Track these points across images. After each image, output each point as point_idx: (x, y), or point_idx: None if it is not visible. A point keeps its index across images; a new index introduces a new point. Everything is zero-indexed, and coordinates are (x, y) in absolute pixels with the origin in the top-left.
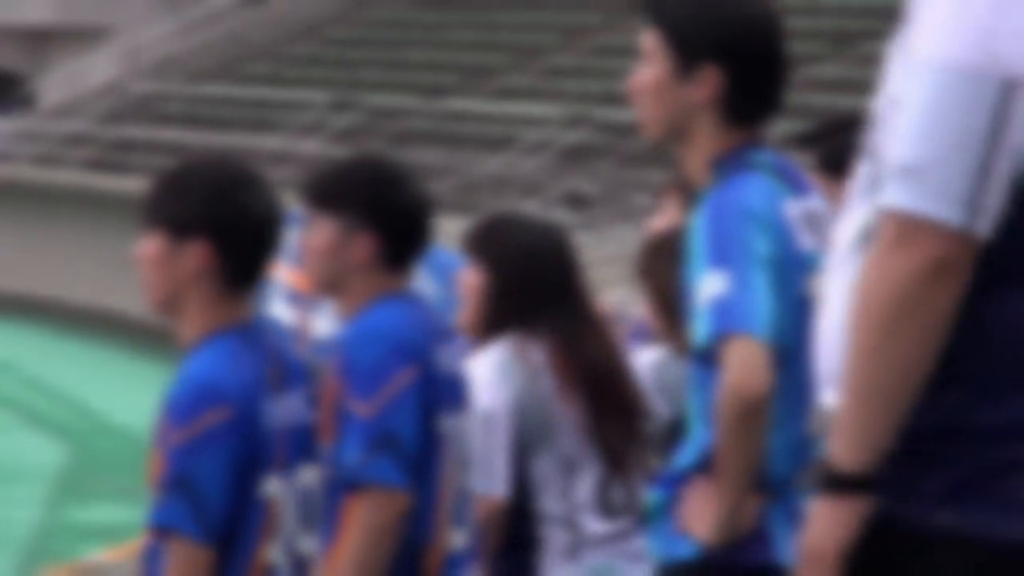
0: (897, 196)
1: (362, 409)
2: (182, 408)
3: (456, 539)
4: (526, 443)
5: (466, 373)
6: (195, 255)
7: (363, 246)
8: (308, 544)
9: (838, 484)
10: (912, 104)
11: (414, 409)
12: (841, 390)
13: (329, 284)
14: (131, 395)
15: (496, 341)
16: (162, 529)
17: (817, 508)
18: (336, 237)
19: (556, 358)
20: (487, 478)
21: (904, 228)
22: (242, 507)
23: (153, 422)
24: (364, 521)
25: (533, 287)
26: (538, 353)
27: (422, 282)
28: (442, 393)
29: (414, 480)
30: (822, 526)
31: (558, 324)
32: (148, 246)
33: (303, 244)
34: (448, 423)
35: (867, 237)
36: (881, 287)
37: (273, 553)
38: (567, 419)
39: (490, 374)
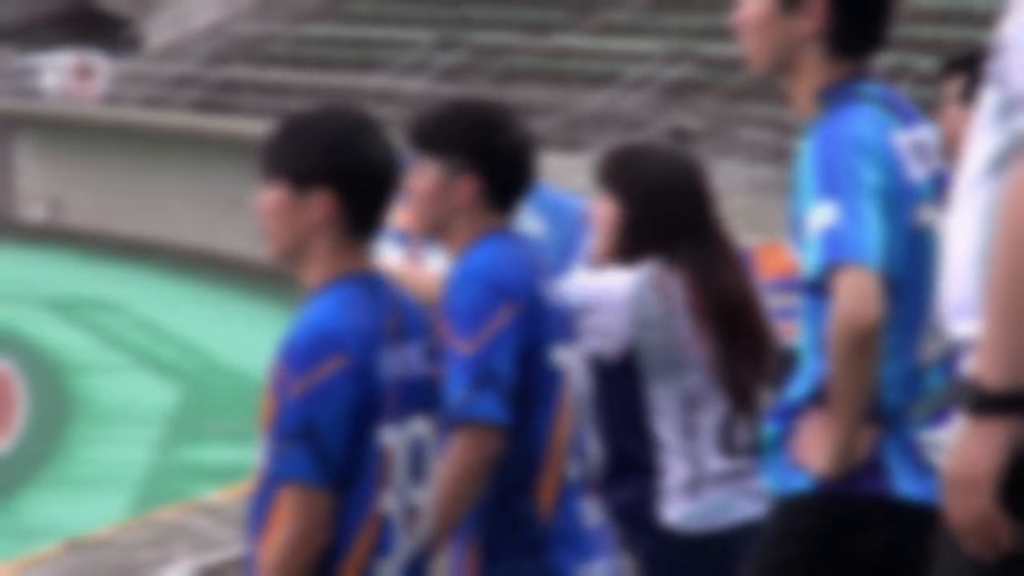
0: None
1: (464, 347)
2: (301, 356)
3: (571, 469)
4: (647, 375)
5: (568, 309)
6: (318, 205)
7: (467, 189)
8: (418, 495)
9: (987, 404)
10: None
11: (514, 347)
12: (986, 310)
13: (435, 227)
14: (242, 336)
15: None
16: (285, 478)
17: (965, 431)
18: (440, 180)
19: (692, 289)
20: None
21: None
22: (358, 456)
23: (264, 363)
24: (462, 456)
25: (667, 217)
26: (676, 286)
27: (528, 220)
28: (553, 326)
29: (523, 415)
30: (972, 449)
31: (694, 254)
32: (270, 197)
33: (409, 187)
34: (563, 355)
35: (998, 164)
36: (1019, 211)
37: (387, 502)
38: (696, 356)
39: (620, 302)
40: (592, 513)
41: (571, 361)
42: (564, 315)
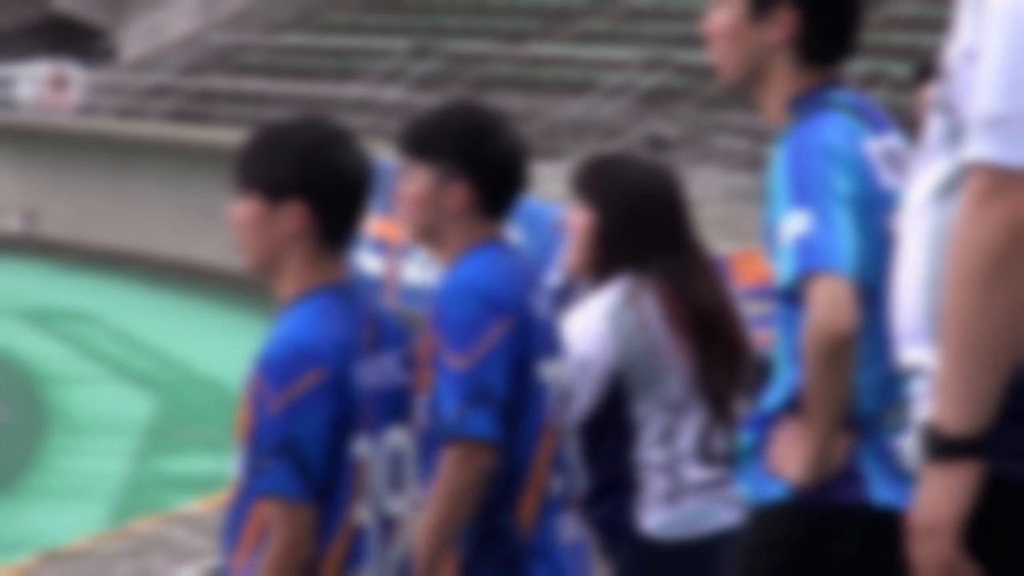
0: (983, 148)
1: (457, 362)
2: (278, 370)
3: (555, 484)
4: (630, 390)
5: (557, 319)
6: (291, 217)
7: (458, 195)
8: (396, 505)
9: (949, 449)
10: (993, 55)
11: (507, 362)
12: (940, 352)
13: (425, 233)
14: (218, 346)
15: (607, 283)
16: (268, 494)
17: (928, 477)
18: (431, 186)
19: (666, 300)
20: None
21: (993, 181)
22: (333, 468)
23: (241, 374)
24: (454, 473)
25: (642, 227)
26: (650, 298)
27: (509, 231)
28: (540, 340)
29: (509, 430)
30: (933, 495)
31: (668, 265)
32: (243, 209)
33: (399, 193)
34: (548, 369)
35: (946, 190)
36: (973, 243)
37: (362, 514)
38: (675, 365)
39: (598, 321)
40: (569, 530)
41: (557, 376)
42: (551, 328)
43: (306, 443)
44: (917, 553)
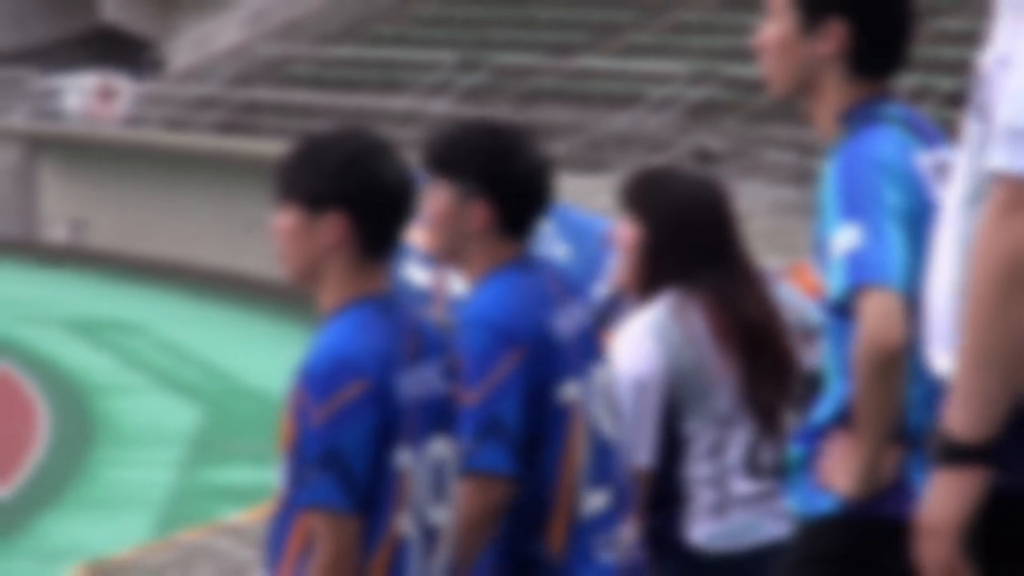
0: (1008, 159)
1: (468, 397)
2: (320, 382)
3: (595, 500)
4: (680, 406)
5: (590, 334)
6: (331, 228)
7: (479, 214)
8: (439, 515)
9: (957, 455)
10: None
11: (521, 392)
12: (957, 359)
13: (448, 250)
14: (264, 357)
15: (655, 297)
16: (313, 506)
17: (935, 480)
18: (452, 204)
19: (713, 314)
20: (632, 446)
21: (1016, 192)
22: (376, 478)
23: (286, 384)
24: (469, 505)
25: (690, 241)
26: (696, 313)
27: (552, 243)
28: (561, 362)
29: (530, 458)
30: (941, 498)
31: (715, 279)
32: (284, 220)
33: (424, 209)
34: (574, 389)
35: (976, 196)
36: (995, 255)
37: (404, 524)
38: (723, 379)
39: (646, 338)
40: (616, 547)
41: (586, 393)
42: (577, 344)
43: (349, 454)
44: (922, 553)
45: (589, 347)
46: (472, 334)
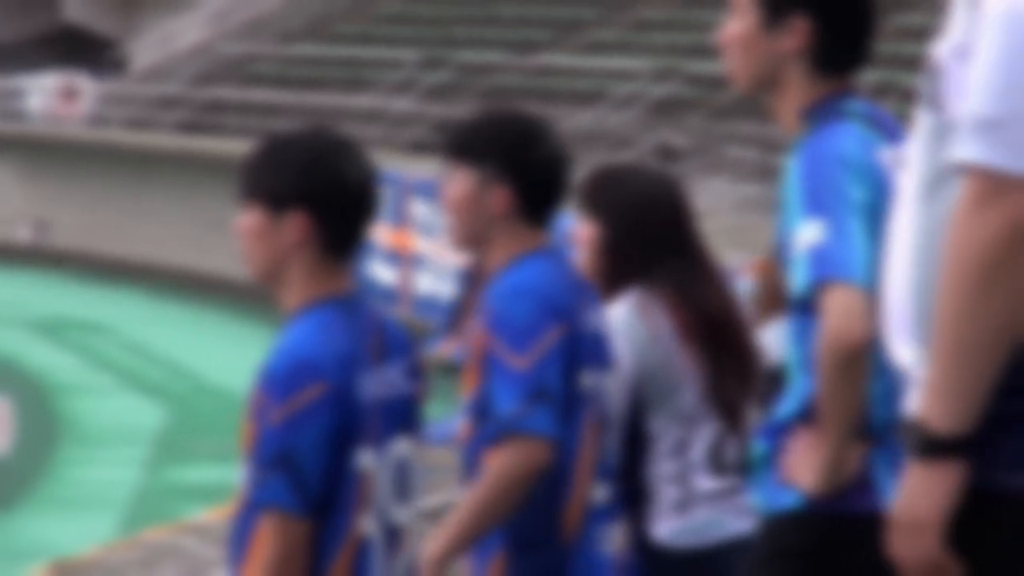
0: (975, 151)
1: (517, 362)
2: (279, 383)
3: (597, 494)
4: (645, 404)
5: (607, 331)
6: (294, 227)
7: (500, 199)
8: (402, 515)
9: (933, 448)
10: (988, 56)
11: (562, 365)
12: (932, 353)
13: (468, 236)
14: (228, 356)
15: (615, 294)
16: (264, 505)
17: (912, 474)
18: (473, 189)
19: (676, 311)
20: None
21: (985, 185)
22: (336, 479)
23: (250, 383)
24: (509, 466)
25: (648, 237)
26: (660, 311)
27: None
28: (586, 351)
29: (562, 434)
30: (919, 492)
31: (676, 275)
32: (247, 220)
33: (442, 196)
34: (590, 380)
35: (932, 189)
36: (967, 248)
37: (366, 524)
38: (688, 377)
39: (611, 337)
40: (612, 540)
41: (601, 386)
42: (597, 339)
43: (304, 456)
44: (899, 549)
45: (602, 348)
46: (519, 303)
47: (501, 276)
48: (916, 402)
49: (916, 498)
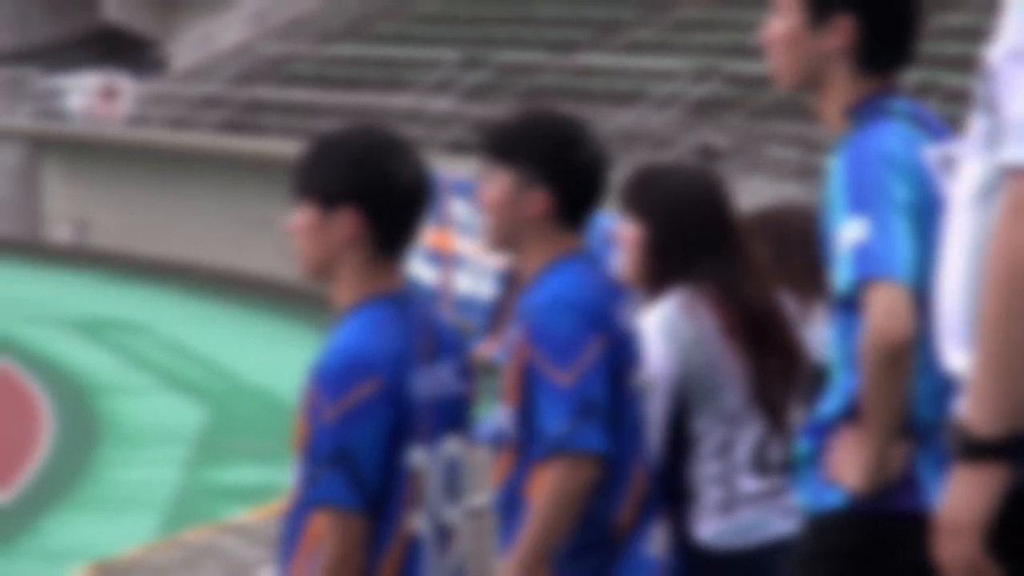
0: (1018, 153)
1: (561, 378)
2: (333, 381)
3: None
4: (689, 405)
5: (638, 329)
6: (344, 224)
7: (537, 201)
8: (452, 513)
9: (978, 451)
10: None
11: (606, 375)
12: (975, 355)
13: (504, 238)
14: (268, 356)
15: (660, 294)
16: (321, 503)
17: (955, 477)
18: (511, 190)
19: (720, 309)
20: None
21: None
22: (388, 477)
23: (291, 383)
24: (562, 486)
25: (690, 235)
26: (705, 310)
27: None
28: (628, 350)
29: (611, 444)
30: (962, 496)
31: (719, 272)
32: (299, 218)
33: (479, 196)
34: (635, 379)
35: (986, 193)
36: (1010, 251)
37: (417, 522)
38: (733, 377)
39: (656, 338)
40: (654, 540)
41: (640, 386)
42: (632, 339)
43: (360, 453)
44: (942, 552)
45: (635, 344)
46: (559, 317)
47: (538, 282)
48: (963, 406)
49: (958, 501)
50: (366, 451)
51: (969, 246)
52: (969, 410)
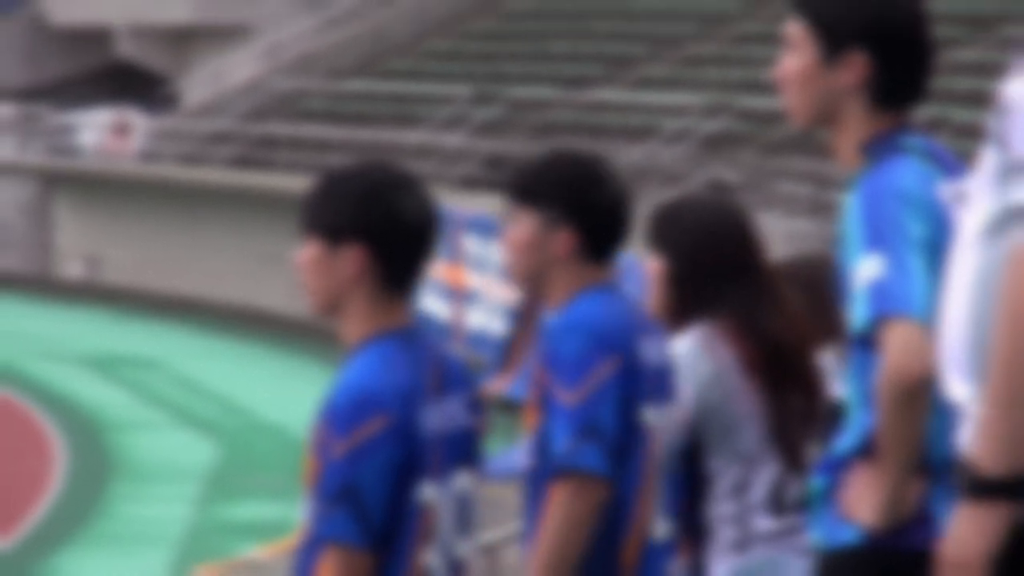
0: None
1: (567, 398)
2: (342, 417)
3: (658, 529)
4: (705, 441)
5: (672, 364)
6: (351, 260)
7: (563, 241)
8: (463, 548)
9: (983, 489)
10: None
11: (615, 400)
12: (986, 394)
13: (530, 278)
14: (281, 392)
15: (684, 328)
16: (327, 539)
17: (960, 514)
18: (537, 231)
19: (740, 342)
20: None
21: None
22: (398, 512)
23: (304, 419)
24: (565, 507)
25: (709, 268)
26: (725, 345)
27: None
28: (646, 385)
29: (616, 470)
30: (966, 532)
31: (740, 304)
32: (306, 252)
33: (504, 237)
34: (651, 415)
35: (996, 229)
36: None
37: (429, 557)
38: (750, 416)
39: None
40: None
41: (661, 422)
42: (659, 373)
43: (367, 489)
44: None
45: (665, 382)
46: (570, 338)
47: (560, 312)
48: (968, 438)
49: (963, 537)
50: (373, 488)
51: (975, 280)
52: (977, 448)
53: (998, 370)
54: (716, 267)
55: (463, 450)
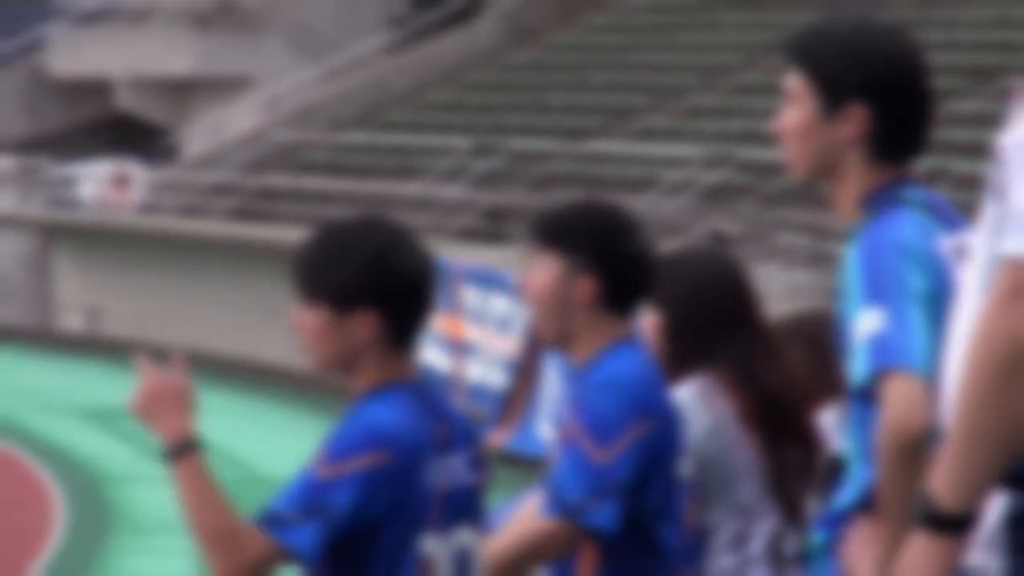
0: (1018, 245)
1: (597, 455)
2: (343, 444)
3: None
4: (703, 494)
5: (681, 416)
6: (365, 325)
7: (585, 289)
8: None
9: (938, 522)
10: None
11: (641, 462)
12: (952, 431)
13: (548, 324)
14: (280, 445)
15: (680, 380)
16: (291, 549)
17: (914, 539)
18: (559, 277)
19: (736, 392)
20: None
21: (1020, 279)
22: (398, 563)
23: None
24: (551, 541)
25: (704, 321)
26: (722, 397)
27: None
28: (675, 438)
29: (660, 530)
30: (918, 559)
31: (736, 356)
32: (311, 318)
33: (524, 281)
34: (683, 467)
35: (989, 278)
36: (996, 339)
37: None
38: (748, 469)
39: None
40: None
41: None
42: (679, 427)
43: (344, 515)
44: None
45: (680, 431)
46: (608, 396)
47: (594, 365)
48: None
49: (911, 564)
50: (345, 516)
51: (974, 331)
52: (936, 482)
53: (961, 410)
54: (714, 320)
55: (465, 506)
